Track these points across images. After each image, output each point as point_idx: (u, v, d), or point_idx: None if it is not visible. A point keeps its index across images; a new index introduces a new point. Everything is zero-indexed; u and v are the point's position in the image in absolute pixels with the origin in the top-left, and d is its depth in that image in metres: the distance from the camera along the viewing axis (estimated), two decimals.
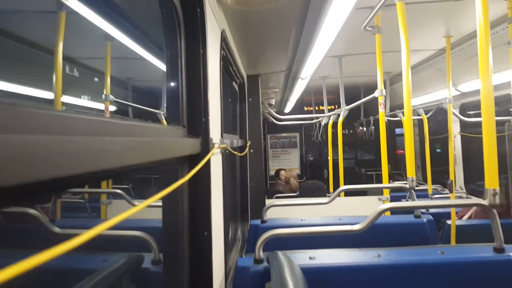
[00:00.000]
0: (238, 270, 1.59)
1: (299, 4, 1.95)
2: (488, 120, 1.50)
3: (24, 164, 0.39)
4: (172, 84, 1.19)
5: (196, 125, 1.23)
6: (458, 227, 2.89)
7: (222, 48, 1.78)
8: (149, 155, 0.78)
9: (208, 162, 1.24)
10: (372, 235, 1.85)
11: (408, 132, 2.10)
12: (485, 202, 1.55)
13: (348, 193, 3.94)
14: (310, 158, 9.53)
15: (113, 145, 0.61)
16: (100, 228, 0.46)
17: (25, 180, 0.39)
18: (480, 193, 3.99)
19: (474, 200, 3.19)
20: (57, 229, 1.21)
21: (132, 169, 0.76)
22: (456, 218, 2.97)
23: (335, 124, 4.47)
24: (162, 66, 1.27)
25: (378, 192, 3.76)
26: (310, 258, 1.60)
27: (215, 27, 1.60)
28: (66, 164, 0.47)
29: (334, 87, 5.12)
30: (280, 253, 1.55)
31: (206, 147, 1.25)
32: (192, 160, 1.15)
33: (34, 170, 0.40)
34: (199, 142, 1.22)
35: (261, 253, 1.62)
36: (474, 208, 3.26)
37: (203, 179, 1.24)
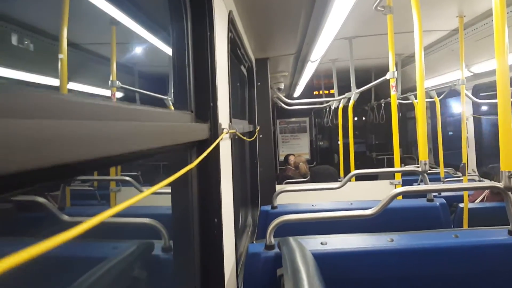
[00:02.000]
0: (249, 256, 1.58)
1: None
2: (504, 101, 1.47)
3: (26, 150, 0.37)
4: (179, 68, 1.16)
5: (204, 110, 1.21)
6: (470, 210, 2.86)
7: (229, 30, 1.74)
8: (156, 141, 0.76)
9: (217, 147, 1.22)
10: (384, 219, 1.82)
11: (420, 115, 2.06)
12: (500, 184, 1.51)
13: (359, 177, 3.90)
14: (320, 143, 9.47)
15: (119, 130, 0.59)
16: (107, 214, 0.45)
17: (28, 167, 0.37)
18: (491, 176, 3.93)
19: (488, 183, 3.14)
20: (66, 217, 1.21)
21: (140, 155, 0.74)
22: (469, 201, 2.93)
23: (345, 108, 4.41)
24: (169, 51, 1.24)
25: (390, 176, 3.71)
26: (321, 243, 1.58)
27: (222, 7, 1.56)
28: (72, 150, 0.45)
29: (344, 70, 5.05)
30: (291, 239, 1.53)
31: (215, 132, 1.23)
32: (201, 145, 1.13)
33: (37, 156, 0.38)
34: (208, 127, 1.19)
35: (272, 239, 1.60)
36: (487, 190, 3.22)
37: (212, 165, 1.22)
